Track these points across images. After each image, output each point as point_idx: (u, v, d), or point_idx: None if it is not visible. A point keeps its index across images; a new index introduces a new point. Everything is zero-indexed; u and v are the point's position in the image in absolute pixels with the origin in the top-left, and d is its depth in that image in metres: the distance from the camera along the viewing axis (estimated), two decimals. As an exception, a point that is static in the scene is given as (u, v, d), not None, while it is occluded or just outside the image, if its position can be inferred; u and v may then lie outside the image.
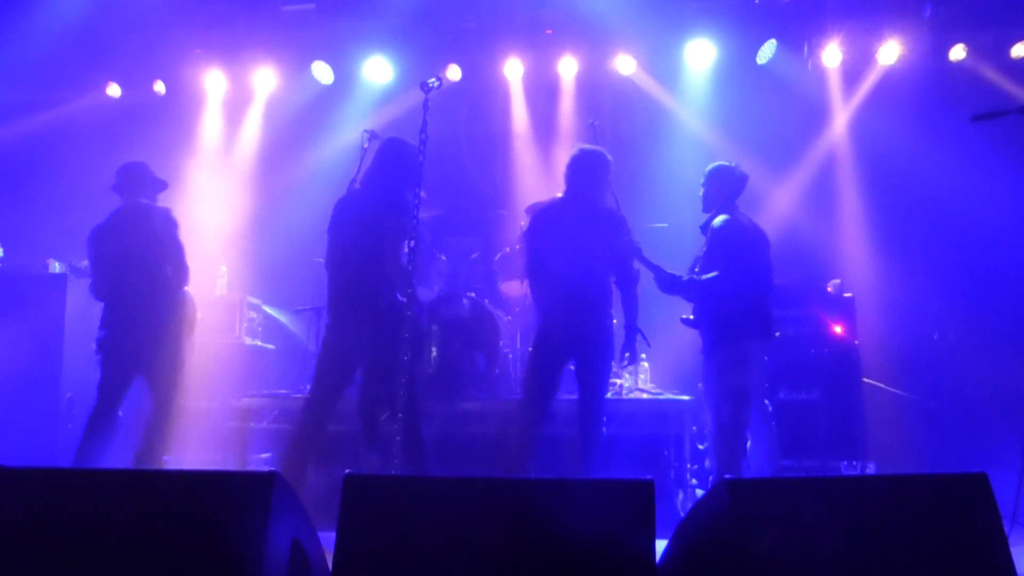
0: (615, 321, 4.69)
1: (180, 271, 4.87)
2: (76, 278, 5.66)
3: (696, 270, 4.77)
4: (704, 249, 4.77)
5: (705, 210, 4.89)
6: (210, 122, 7.72)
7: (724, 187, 4.83)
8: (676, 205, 6.33)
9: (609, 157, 4.66)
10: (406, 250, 4.05)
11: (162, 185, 5.14)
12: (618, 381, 5.88)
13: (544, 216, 4.66)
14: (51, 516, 2.20)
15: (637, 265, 4.74)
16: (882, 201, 6.96)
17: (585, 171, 4.61)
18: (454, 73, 7.23)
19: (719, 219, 4.69)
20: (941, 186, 6.69)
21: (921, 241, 6.78)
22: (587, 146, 4.68)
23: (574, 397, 4.70)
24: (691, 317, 4.88)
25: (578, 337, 4.48)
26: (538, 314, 4.64)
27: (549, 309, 4.58)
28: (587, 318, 4.49)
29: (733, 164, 4.96)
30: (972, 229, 6.54)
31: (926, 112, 6.94)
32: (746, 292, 4.58)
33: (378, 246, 4.39)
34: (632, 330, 4.66)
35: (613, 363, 4.70)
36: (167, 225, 4.88)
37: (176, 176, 7.47)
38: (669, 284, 4.76)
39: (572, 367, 4.67)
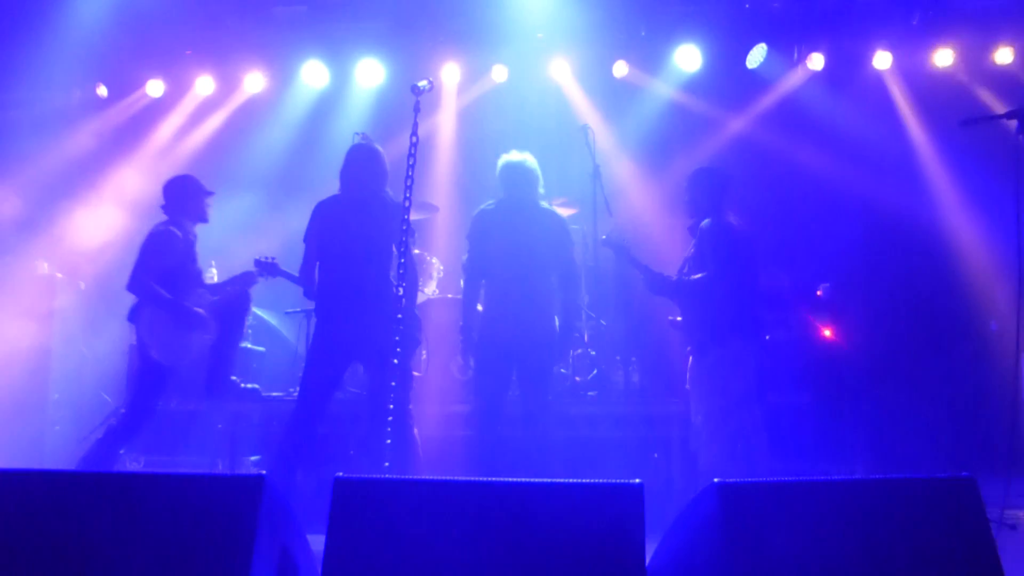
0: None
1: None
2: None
3: (685, 271, 4.78)
4: (692, 251, 4.78)
5: (691, 216, 4.85)
6: (200, 123, 7.68)
7: (710, 190, 4.79)
8: (667, 208, 6.36)
9: (534, 161, 4.72)
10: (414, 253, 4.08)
11: (205, 193, 5.19)
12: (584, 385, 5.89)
13: (485, 219, 4.68)
14: (36, 519, 2.19)
15: (630, 266, 4.76)
16: (872, 205, 6.99)
17: (516, 176, 4.67)
18: (446, 76, 7.23)
19: (707, 220, 4.70)
20: (932, 190, 6.74)
21: (910, 245, 6.82)
22: (512, 155, 4.73)
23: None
24: (679, 319, 4.89)
25: (522, 338, 4.51)
26: (482, 316, 4.67)
27: (493, 310, 4.62)
28: (531, 319, 4.53)
29: (716, 166, 4.95)
30: (960, 233, 6.58)
31: (916, 117, 6.99)
32: (735, 293, 4.57)
33: (384, 247, 4.47)
34: (570, 330, 4.73)
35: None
36: (149, 240, 4.96)
37: (166, 177, 7.45)
38: (657, 285, 4.76)
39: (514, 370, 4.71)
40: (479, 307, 4.77)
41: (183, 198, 5.11)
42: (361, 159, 4.63)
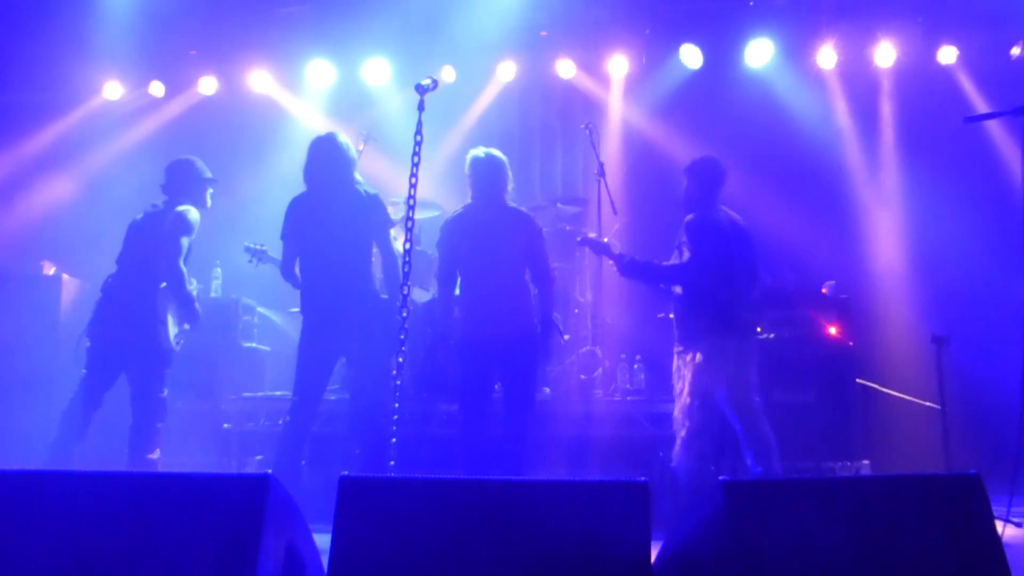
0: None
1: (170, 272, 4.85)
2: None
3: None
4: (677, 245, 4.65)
5: (686, 209, 4.67)
6: (204, 123, 7.68)
7: (702, 182, 4.66)
8: (667, 207, 6.33)
9: (503, 157, 4.69)
10: (403, 248, 4.05)
11: (209, 182, 5.13)
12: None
13: (455, 224, 4.68)
14: (43, 520, 2.20)
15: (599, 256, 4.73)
16: (876, 202, 6.97)
17: (485, 174, 4.65)
18: (449, 74, 7.23)
19: (691, 215, 4.57)
20: (936, 187, 6.71)
21: (915, 242, 6.80)
22: (481, 149, 4.69)
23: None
24: (671, 316, 4.80)
25: (501, 337, 4.50)
26: (460, 319, 4.67)
27: (469, 312, 4.62)
28: (507, 317, 4.53)
29: (711, 156, 4.78)
30: (966, 229, 6.56)
31: (920, 113, 6.97)
32: (714, 291, 4.43)
33: (358, 239, 4.56)
34: (548, 326, 4.70)
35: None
36: (174, 227, 4.87)
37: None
38: (628, 268, 4.65)
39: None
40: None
41: (188, 181, 5.02)
42: (321, 151, 4.67)
